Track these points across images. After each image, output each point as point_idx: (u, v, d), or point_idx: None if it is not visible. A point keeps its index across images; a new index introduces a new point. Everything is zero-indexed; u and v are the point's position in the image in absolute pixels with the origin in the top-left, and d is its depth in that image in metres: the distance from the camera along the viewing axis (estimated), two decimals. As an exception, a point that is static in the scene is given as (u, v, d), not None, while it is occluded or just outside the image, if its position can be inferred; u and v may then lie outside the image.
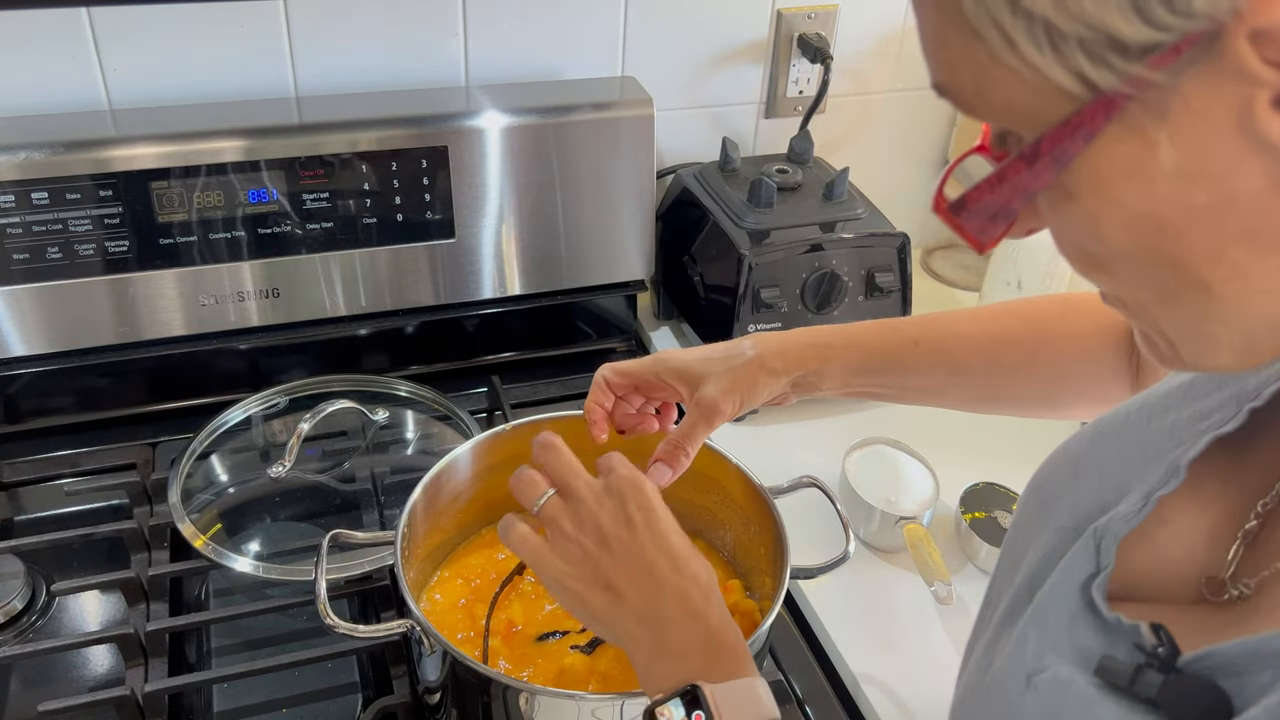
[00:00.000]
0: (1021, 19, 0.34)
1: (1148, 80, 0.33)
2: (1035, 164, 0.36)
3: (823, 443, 1.06)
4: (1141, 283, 0.39)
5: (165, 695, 0.80)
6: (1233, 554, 0.46)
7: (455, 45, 1.09)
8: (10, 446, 1.04)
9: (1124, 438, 0.52)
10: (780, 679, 0.85)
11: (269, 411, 1.05)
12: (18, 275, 0.95)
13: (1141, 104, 0.34)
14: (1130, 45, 0.33)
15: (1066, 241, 0.40)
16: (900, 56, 1.27)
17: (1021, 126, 0.37)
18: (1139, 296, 0.40)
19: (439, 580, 0.85)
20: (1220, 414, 0.47)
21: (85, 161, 0.93)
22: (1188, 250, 0.36)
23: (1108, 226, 0.37)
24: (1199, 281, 0.37)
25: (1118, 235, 0.37)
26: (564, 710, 0.69)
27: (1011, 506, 0.95)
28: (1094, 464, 0.53)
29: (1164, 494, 0.47)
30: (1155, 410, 0.51)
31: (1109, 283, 0.41)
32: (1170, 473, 0.47)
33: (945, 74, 0.38)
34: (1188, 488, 0.47)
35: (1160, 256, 0.37)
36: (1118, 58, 0.33)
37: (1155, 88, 0.33)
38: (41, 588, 0.89)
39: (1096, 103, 0.34)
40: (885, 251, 1.08)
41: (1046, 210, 0.39)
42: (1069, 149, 0.35)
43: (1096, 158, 0.35)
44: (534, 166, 1.06)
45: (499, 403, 1.09)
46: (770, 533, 0.79)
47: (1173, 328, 0.40)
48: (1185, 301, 0.38)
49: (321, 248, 1.03)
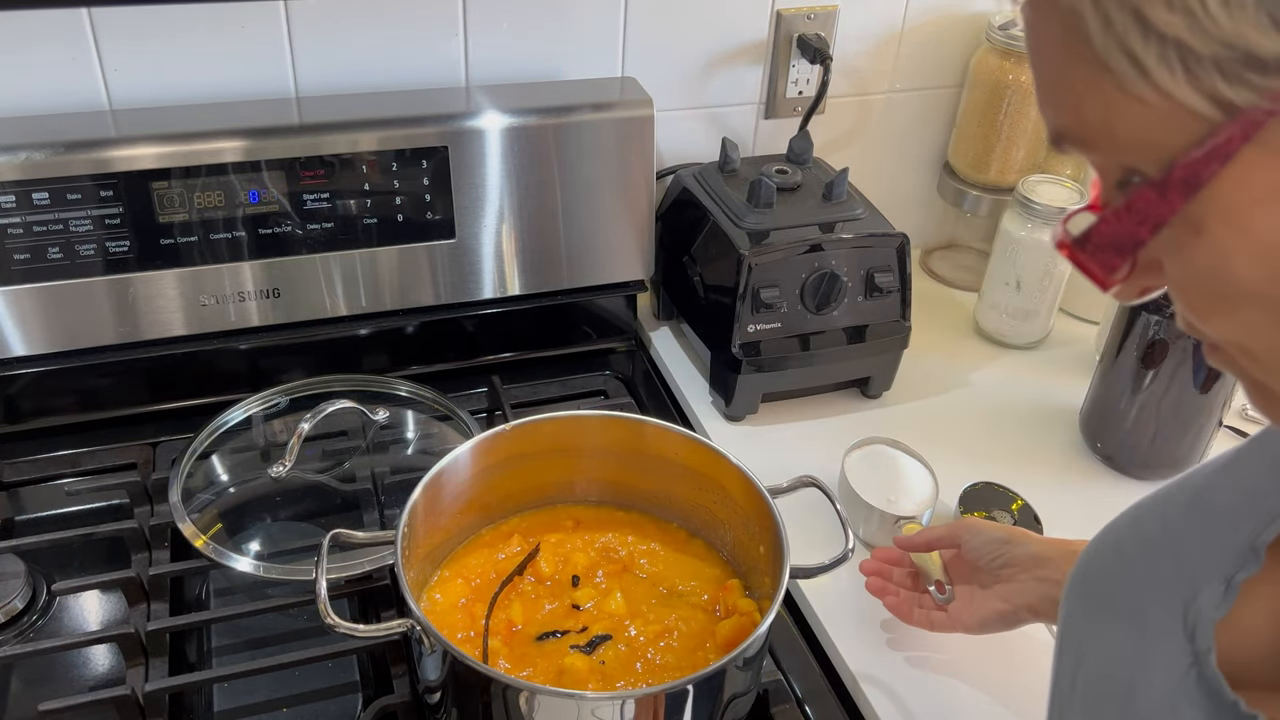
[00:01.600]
0: (1154, 43, 0.33)
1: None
2: (1166, 191, 0.35)
3: (823, 443, 1.07)
4: (1269, 325, 0.37)
5: (166, 695, 0.80)
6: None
7: (455, 45, 1.09)
8: (11, 446, 1.04)
9: (1168, 519, 0.51)
10: (780, 679, 0.85)
11: (269, 411, 1.05)
12: (18, 275, 0.95)
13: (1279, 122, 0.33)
14: (1269, 61, 0.32)
15: (1190, 285, 0.38)
16: (900, 57, 1.27)
17: (1147, 160, 0.36)
18: (1267, 339, 0.38)
19: (439, 580, 0.85)
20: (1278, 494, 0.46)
21: (86, 162, 0.93)
22: None
23: (1239, 260, 0.35)
24: None
25: (1249, 269, 0.35)
26: (564, 710, 0.69)
27: (1011, 507, 0.95)
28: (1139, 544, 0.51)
29: (1244, 577, 0.45)
30: (1197, 490, 0.50)
31: (1231, 328, 0.38)
32: (1248, 556, 0.46)
33: (1069, 118, 0.38)
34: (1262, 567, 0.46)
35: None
36: (1255, 74, 0.32)
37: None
38: (42, 587, 0.90)
39: (1233, 123, 0.33)
40: (885, 252, 1.08)
41: (1170, 254, 0.38)
42: (1202, 173, 0.34)
43: (1230, 183, 0.34)
44: (534, 166, 1.06)
45: (499, 403, 1.09)
46: (770, 532, 0.79)
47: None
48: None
49: (322, 248, 1.03)
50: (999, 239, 1.21)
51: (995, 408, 1.15)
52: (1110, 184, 0.40)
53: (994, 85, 1.23)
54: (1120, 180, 0.38)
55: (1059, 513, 0.94)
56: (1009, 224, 1.19)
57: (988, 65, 1.24)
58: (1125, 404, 1.03)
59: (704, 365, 1.15)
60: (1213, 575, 0.46)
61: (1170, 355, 0.98)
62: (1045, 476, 1.04)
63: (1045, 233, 1.16)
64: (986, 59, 1.24)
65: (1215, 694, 0.43)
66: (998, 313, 1.24)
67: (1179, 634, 0.46)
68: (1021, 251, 1.18)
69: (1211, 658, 0.44)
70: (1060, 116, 0.38)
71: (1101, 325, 1.18)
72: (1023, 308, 1.21)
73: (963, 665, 0.86)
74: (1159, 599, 0.48)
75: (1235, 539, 0.46)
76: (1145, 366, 1.00)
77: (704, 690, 0.70)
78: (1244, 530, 0.46)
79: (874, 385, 1.14)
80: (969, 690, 0.84)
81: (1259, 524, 0.45)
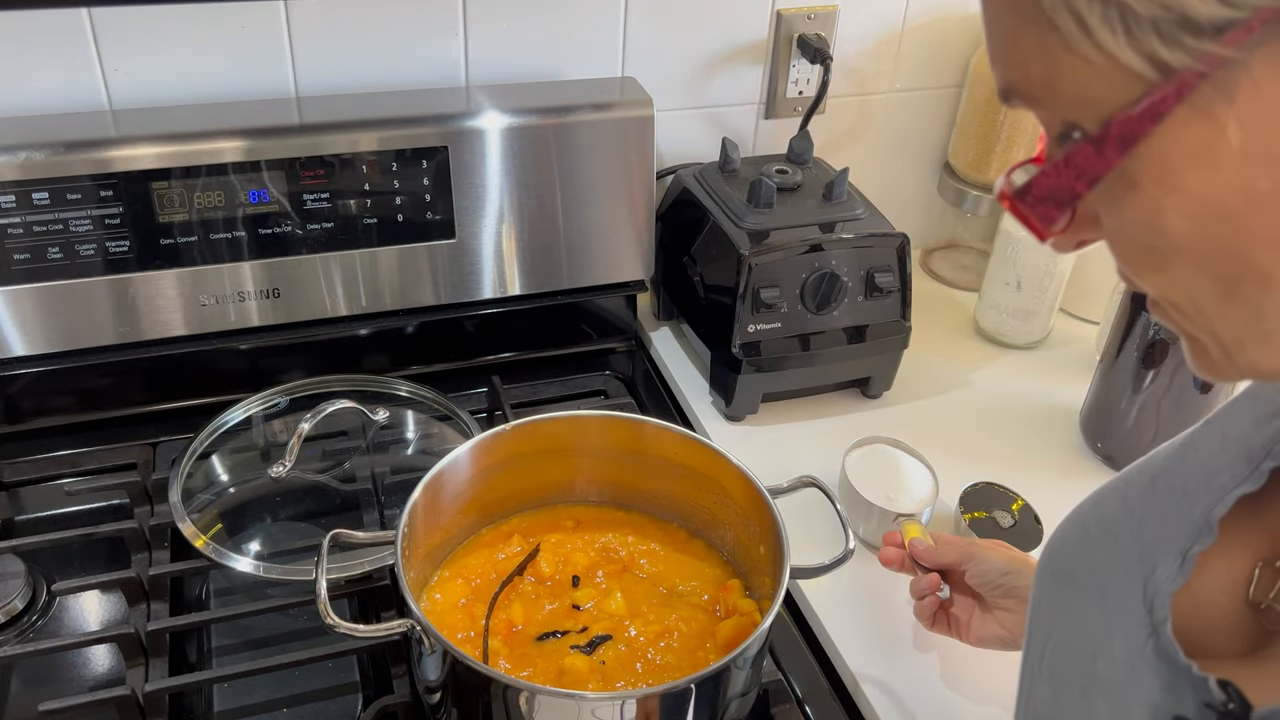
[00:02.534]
0: (1098, 4, 0.34)
1: (1219, 58, 0.33)
2: (1103, 147, 0.37)
3: (823, 443, 1.06)
4: (1200, 279, 0.38)
5: (166, 695, 0.80)
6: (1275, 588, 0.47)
7: (455, 45, 1.09)
8: (10, 446, 1.04)
9: (1129, 499, 0.52)
10: (780, 679, 0.85)
11: (269, 411, 1.05)
12: (18, 275, 0.95)
13: (1211, 84, 0.34)
14: (1204, 24, 0.33)
15: (1124, 239, 0.40)
16: (900, 56, 1.27)
17: (1088, 117, 0.37)
18: (1195, 296, 0.39)
19: (439, 580, 0.85)
20: (1231, 471, 0.47)
21: (86, 162, 0.93)
22: (1249, 240, 0.36)
23: (1171, 216, 0.37)
24: (1260, 272, 0.37)
25: (1180, 225, 0.37)
26: (564, 710, 0.69)
27: (1011, 506, 0.95)
28: (1102, 524, 0.53)
29: (1199, 550, 0.47)
30: (1156, 472, 0.52)
31: (1164, 284, 0.40)
32: (1202, 530, 0.47)
33: (1016, 73, 0.39)
34: (1216, 541, 0.47)
35: (1221, 247, 0.37)
36: (1190, 37, 0.33)
37: (1225, 68, 0.34)
38: (42, 587, 0.90)
39: (1167, 84, 0.34)
40: (885, 252, 1.08)
41: (1106, 208, 0.39)
42: (1137, 130, 0.36)
43: (1163, 141, 0.36)
44: (534, 166, 1.06)
45: (499, 403, 1.09)
46: (770, 532, 0.79)
47: (1228, 329, 0.39)
48: (1244, 296, 0.38)
49: (322, 248, 1.03)
50: (999, 239, 1.21)
51: (995, 408, 1.15)
52: (1053, 138, 0.41)
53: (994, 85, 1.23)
54: (1061, 134, 0.40)
55: (1059, 513, 0.92)
56: (1009, 224, 1.19)
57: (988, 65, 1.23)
58: (1125, 404, 1.03)
59: (704, 365, 1.15)
60: (1170, 550, 0.48)
61: (1170, 355, 0.98)
62: (1045, 476, 1.04)
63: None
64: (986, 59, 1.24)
65: (1170, 660, 0.45)
66: (998, 313, 1.24)
67: (1139, 606, 0.47)
68: (1021, 251, 1.18)
69: (1167, 627, 0.46)
70: (1008, 73, 0.40)
71: (1101, 325, 1.18)
72: (1023, 308, 1.21)
73: (962, 665, 0.86)
74: (1121, 575, 0.50)
75: (1191, 515, 0.48)
76: (1145, 366, 1.00)
77: (704, 690, 0.70)
78: (1199, 506, 0.48)
79: (874, 385, 1.14)
80: (969, 690, 0.84)
81: (1212, 499, 0.47)
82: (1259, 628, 0.47)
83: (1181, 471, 0.50)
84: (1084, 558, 0.53)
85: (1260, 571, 0.47)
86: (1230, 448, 0.48)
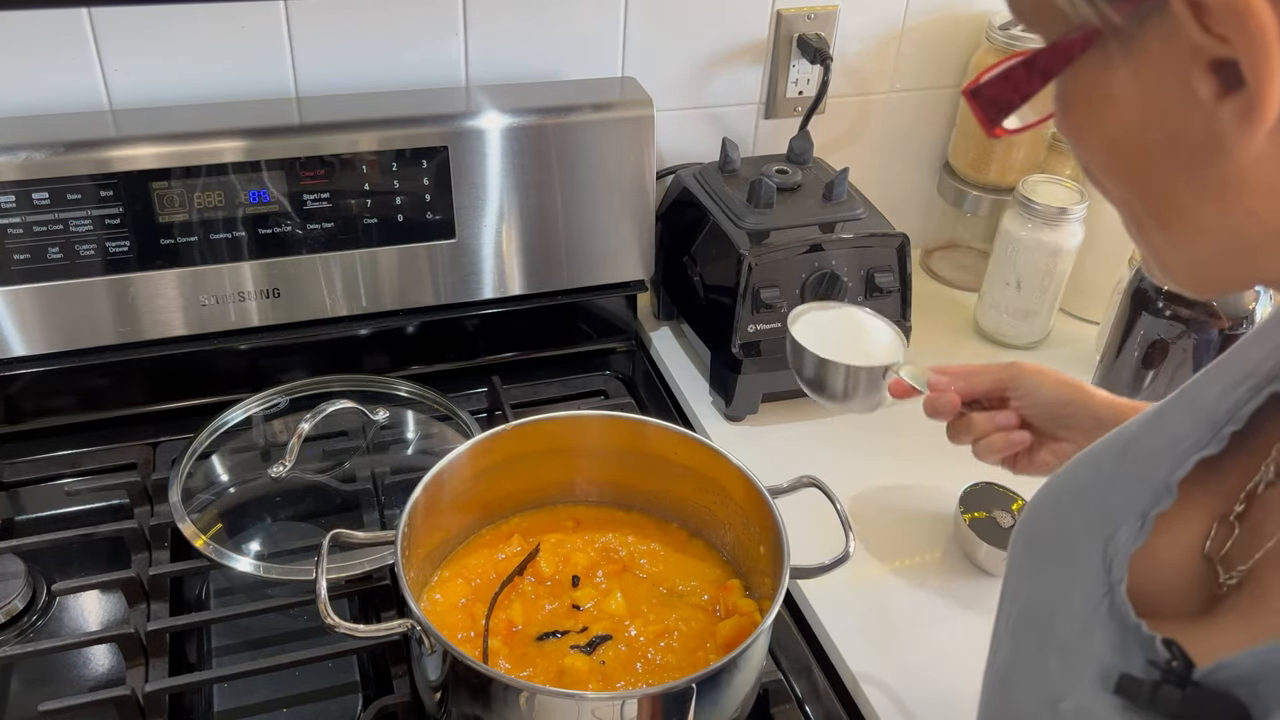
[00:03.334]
0: None
1: (1113, 21, 0.37)
2: (1031, 71, 0.41)
3: (823, 443, 1.06)
4: (1123, 201, 0.43)
5: (166, 695, 0.80)
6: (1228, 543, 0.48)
7: (455, 45, 1.09)
8: (10, 446, 1.04)
9: (1101, 467, 0.54)
10: (780, 679, 0.85)
11: (269, 411, 1.05)
12: (18, 275, 0.95)
13: (1116, 40, 0.38)
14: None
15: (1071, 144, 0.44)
16: (900, 56, 1.27)
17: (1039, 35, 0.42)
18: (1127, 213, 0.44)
19: (439, 580, 0.85)
20: (1194, 437, 0.49)
21: (86, 161, 0.93)
22: (1147, 183, 0.41)
23: (1090, 142, 0.42)
24: (1156, 213, 0.42)
25: (1099, 154, 0.42)
26: (564, 710, 0.69)
27: (1012, 507, 0.95)
28: (1073, 492, 0.55)
29: (1159, 511, 0.49)
30: (1129, 440, 0.53)
31: (1106, 195, 0.45)
32: (1162, 492, 0.49)
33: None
34: (1176, 504, 0.49)
35: (1130, 181, 0.42)
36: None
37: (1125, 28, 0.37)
38: (42, 587, 0.90)
39: (1079, 30, 0.39)
40: (885, 252, 1.08)
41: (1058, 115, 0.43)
42: (1052, 66, 0.40)
43: (1078, 79, 0.40)
44: (534, 166, 1.06)
45: (499, 403, 1.09)
46: (770, 533, 0.79)
47: (1147, 247, 0.44)
48: (1148, 227, 0.43)
49: (322, 248, 1.03)
50: (999, 239, 1.21)
51: (995, 408, 1.15)
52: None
53: (994, 85, 1.23)
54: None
55: (1059, 513, 0.94)
56: (1009, 224, 1.19)
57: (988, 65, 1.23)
58: (1125, 404, 1.03)
59: (704, 365, 1.15)
60: (1131, 512, 0.49)
61: (1170, 355, 0.98)
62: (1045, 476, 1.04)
63: (1046, 233, 1.16)
64: (987, 59, 1.24)
65: (1122, 619, 0.46)
66: (998, 312, 1.24)
67: (1098, 566, 0.49)
68: (1022, 251, 1.18)
69: (1122, 587, 0.47)
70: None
71: (1101, 325, 1.18)
72: (1023, 307, 1.21)
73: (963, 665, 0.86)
74: (1085, 537, 0.51)
75: (1154, 479, 0.49)
76: (1145, 366, 1.00)
77: (704, 690, 0.70)
78: (1162, 470, 0.49)
79: (874, 385, 1.14)
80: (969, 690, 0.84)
81: (1175, 463, 0.49)
82: (1213, 586, 0.48)
83: (1151, 439, 0.52)
84: (1055, 523, 0.54)
85: (1216, 527, 0.49)
86: (1197, 414, 0.50)
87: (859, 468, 1.04)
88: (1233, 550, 0.48)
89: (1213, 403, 0.49)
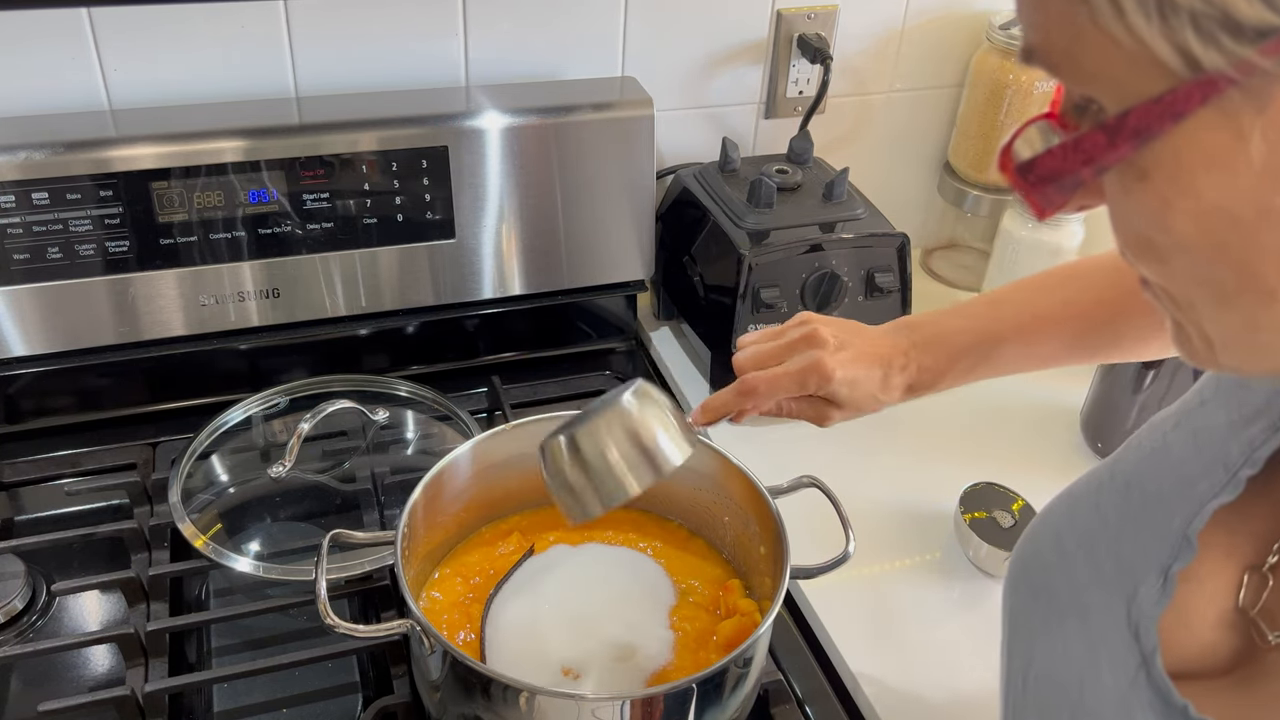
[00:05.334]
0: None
1: (1255, 66, 0.31)
2: (1116, 137, 0.35)
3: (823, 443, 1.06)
4: (1197, 280, 0.37)
5: (165, 695, 0.80)
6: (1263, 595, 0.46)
7: (455, 45, 1.09)
8: (10, 446, 1.04)
9: (1104, 510, 0.51)
10: (780, 679, 0.84)
11: (269, 411, 1.05)
12: (18, 275, 0.95)
13: (1243, 91, 0.32)
14: (1245, 27, 0.31)
15: (1126, 225, 0.38)
16: (900, 56, 1.27)
17: (1106, 96, 0.35)
18: (1191, 294, 0.38)
19: (438, 578, 0.85)
20: (1208, 481, 0.46)
21: (85, 161, 0.93)
22: (1257, 253, 0.34)
23: (1178, 216, 0.35)
24: (1263, 287, 0.35)
25: (1186, 226, 0.35)
26: (564, 710, 0.69)
27: (1011, 507, 0.95)
28: (1077, 536, 0.52)
29: (1180, 568, 0.46)
30: (1132, 478, 0.50)
31: (1161, 274, 0.38)
32: (1181, 545, 0.46)
33: (1038, 36, 0.36)
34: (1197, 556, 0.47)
35: (1225, 255, 0.35)
36: (1229, 38, 0.31)
37: (1260, 76, 0.31)
38: (42, 587, 0.89)
39: (1195, 83, 0.32)
40: (885, 252, 1.08)
41: (1113, 189, 0.37)
42: (1155, 127, 0.34)
43: (1182, 141, 0.34)
44: (534, 166, 1.06)
45: (499, 403, 1.09)
46: (770, 532, 0.79)
47: (1219, 331, 0.38)
48: (1241, 305, 0.36)
49: (321, 248, 1.03)
50: (999, 239, 1.21)
51: (995, 408, 1.15)
52: (1070, 103, 0.39)
53: (994, 85, 1.23)
54: (1078, 105, 0.38)
55: (1059, 513, 0.94)
56: (1009, 224, 1.19)
57: (988, 65, 1.24)
58: (1125, 404, 1.03)
59: (704, 365, 1.14)
60: (1150, 567, 0.46)
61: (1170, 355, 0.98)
62: (1046, 477, 1.03)
63: (1046, 233, 1.16)
64: (987, 59, 1.24)
65: (1164, 696, 0.43)
66: (998, 313, 1.23)
67: (1124, 630, 0.46)
68: (1022, 251, 1.18)
69: (1158, 659, 0.44)
70: (1031, 33, 0.37)
71: (1102, 325, 1.18)
72: (1023, 308, 1.21)
73: (962, 665, 0.86)
74: (1101, 595, 0.48)
75: (1169, 529, 0.46)
76: (1145, 366, 1.00)
77: (704, 690, 0.70)
78: (1176, 519, 0.46)
79: (874, 385, 1.14)
80: (969, 690, 0.84)
81: (1190, 511, 0.46)
82: (1244, 637, 0.46)
83: (1156, 477, 0.49)
84: (1061, 572, 0.51)
85: (1248, 577, 0.46)
86: (1205, 452, 0.47)
87: (859, 468, 1.04)
88: (1271, 603, 0.45)
89: (1221, 442, 0.46)
